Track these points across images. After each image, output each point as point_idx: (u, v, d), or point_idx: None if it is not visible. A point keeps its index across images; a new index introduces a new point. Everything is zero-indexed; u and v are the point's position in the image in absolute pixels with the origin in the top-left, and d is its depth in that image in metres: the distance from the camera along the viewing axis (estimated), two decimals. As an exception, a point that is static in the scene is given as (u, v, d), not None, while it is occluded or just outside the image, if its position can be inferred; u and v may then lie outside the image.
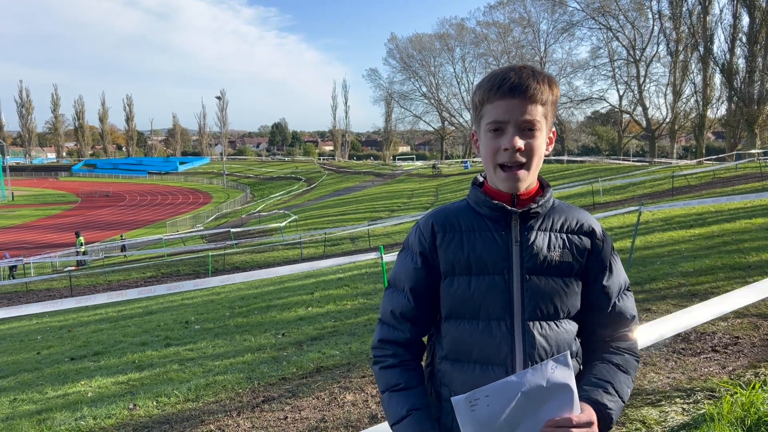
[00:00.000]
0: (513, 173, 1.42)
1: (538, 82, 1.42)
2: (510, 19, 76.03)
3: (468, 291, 1.45)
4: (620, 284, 1.53)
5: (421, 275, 1.52)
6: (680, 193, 21.93)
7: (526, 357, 1.41)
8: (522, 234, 1.45)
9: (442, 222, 1.52)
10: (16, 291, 20.86)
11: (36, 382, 6.75)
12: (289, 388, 4.90)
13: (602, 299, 1.50)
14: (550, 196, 1.51)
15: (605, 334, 1.53)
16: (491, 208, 1.47)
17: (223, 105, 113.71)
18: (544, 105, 1.43)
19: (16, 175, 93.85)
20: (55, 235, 44.14)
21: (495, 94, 1.42)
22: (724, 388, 3.78)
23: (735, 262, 7.74)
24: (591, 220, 1.52)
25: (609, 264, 1.51)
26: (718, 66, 48.44)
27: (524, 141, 1.41)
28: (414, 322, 1.54)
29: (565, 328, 1.47)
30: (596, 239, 1.50)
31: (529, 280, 1.43)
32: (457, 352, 1.48)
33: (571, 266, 1.47)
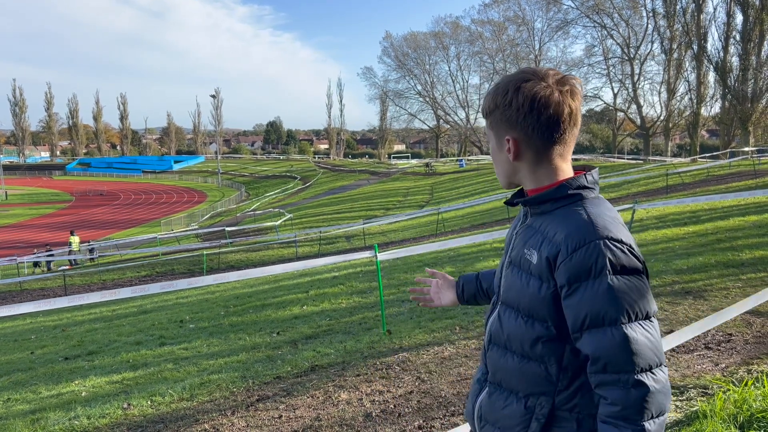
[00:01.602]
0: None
1: (488, 96, 1.54)
2: (505, 17, 76.26)
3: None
4: (586, 314, 1.34)
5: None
6: (674, 191, 22.00)
7: (490, 331, 1.61)
8: (521, 226, 1.59)
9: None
10: (9, 290, 20.77)
11: (30, 381, 6.73)
12: (283, 386, 4.90)
13: (567, 318, 1.40)
14: (548, 196, 1.47)
15: (589, 375, 1.39)
16: (512, 197, 1.64)
17: (218, 103, 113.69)
18: (488, 117, 1.56)
19: (9, 174, 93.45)
20: (50, 234, 43.96)
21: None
22: (716, 385, 3.80)
23: (728, 260, 7.77)
24: (575, 231, 1.38)
25: (577, 285, 1.35)
26: (712, 64, 48.68)
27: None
28: None
29: (524, 324, 1.47)
30: (563, 252, 1.37)
31: (508, 268, 1.57)
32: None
33: (535, 268, 1.45)
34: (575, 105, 1.45)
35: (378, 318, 7.00)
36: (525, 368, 1.48)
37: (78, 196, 74.04)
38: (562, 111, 1.44)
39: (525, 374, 1.48)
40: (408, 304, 7.85)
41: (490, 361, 1.58)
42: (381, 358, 5.32)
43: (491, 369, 1.58)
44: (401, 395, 4.37)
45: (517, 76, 1.48)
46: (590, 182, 1.48)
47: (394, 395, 4.39)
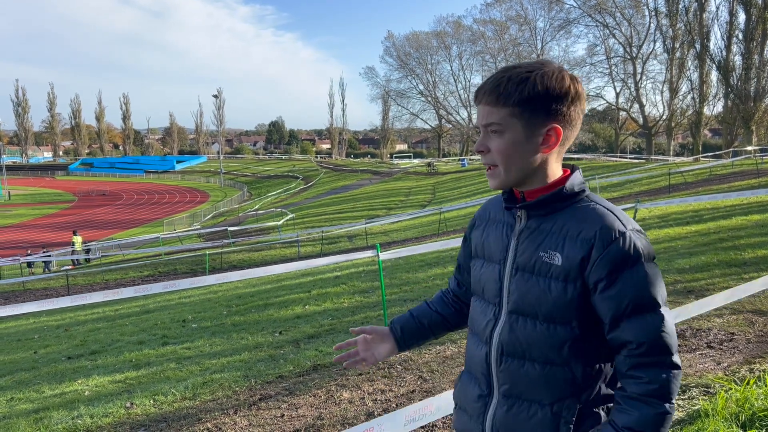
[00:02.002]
0: (489, 173, 1.52)
1: (502, 83, 1.43)
2: (507, 16, 76.20)
3: (479, 273, 1.62)
4: (628, 301, 1.37)
5: (463, 252, 1.79)
6: (677, 191, 21.97)
7: (499, 343, 1.51)
8: (523, 230, 1.51)
9: (481, 211, 1.72)
10: (13, 290, 20.81)
11: (33, 381, 6.75)
12: (286, 386, 4.91)
13: (604, 312, 1.40)
14: (559, 194, 1.46)
15: (618, 361, 1.42)
16: (505, 202, 1.57)
17: (220, 103, 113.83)
18: (508, 105, 1.42)
19: (12, 174, 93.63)
20: (53, 234, 44.04)
21: (474, 101, 1.54)
22: (718, 384, 3.80)
23: (731, 259, 7.76)
24: (602, 225, 1.39)
25: (613, 277, 1.37)
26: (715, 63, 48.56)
27: (491, 144, 1.47)
28: (459, 284, 1.85)
29: (546, 330, 1.43)
30: (596, 248, 1.38)
31: (516, 275, 1.49)
32: (471, 323, 1.66)
33: (560, 270, 1.41)
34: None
35: (380, 317, 7.01)
36: (549, 375, 1.44)
37: (81, 196, 74.15)
38: (585, 107, 1.50)
39: (549, 381, 1.44)
40: (410, 303, 7.86)
41: (505, 375, 1.49)
42: (383, 357, 5.32)
43: (508, 382, 1.49)
44: (403, 394, 4.38)
45: (550, 63, 1.45)
46: (583, 179, 1.53)
47: (396, 394, 4.40)
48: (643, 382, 1.36)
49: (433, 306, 1.85)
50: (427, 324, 1.82)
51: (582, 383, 1.44)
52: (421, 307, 1.86)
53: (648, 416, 1.34)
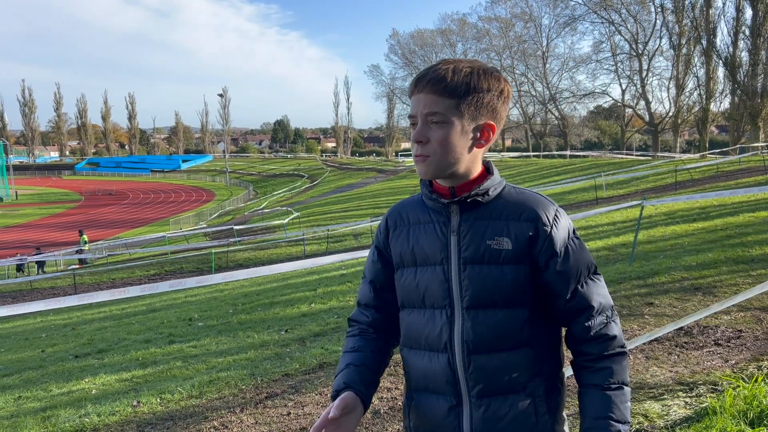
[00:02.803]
0: (418, 164, 1.48)
1: (449, 73, 1.42)
2: (512, 14, 76.02)
3: (414, 281, 1.54)
4: (579, 269, 1.48)
5: (378, 268, 1.66)
6: (683, 187, 21.87)
7: (463, 344, 1.46)
8: (461, 224, 1.49)
9: (394, 217, 1.62)
10: (20, 289, 20.92)
11: (40, 379, 6.78)
12: (292, 384, 4.91)
13: (559, 286, 1.47)
14: (492, 183, 1.49)
15: (578, 330, 1.48)
16: (432, 200, 1.52)
17: (226, 102, 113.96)
18: (453, 97, 1.42)
19: (19, 174, 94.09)
20: (59, 233, 44.23)
21: (410, 89, 1.49)
22: (726, 382, 3.78)
23: (738, 256, 7.72)
24: (538, 205, 1.47)
25: (564, 249, 1.46)
26: (721, 59, 48.32)
27: (429, 134, 1.44)
28: (377, 309, 1.67)
29: (507, 316, 1.45)
30: (541, 224, 1.45)
31: (465, 270, 1.47)
32: (410, 340, 1.56)
33: (511, 253, 1.45)
34: None
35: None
36: (517, 360, 1.45)
37: (87, 196, 74.45)
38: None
39: (519, 366, 1.46)
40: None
41: (476, 375, 1.45)
42: (389, 355, 5.32)
43: (481, 382, 1.45)
44: (409, 392, 4.37)
45: (479, 63, 1.48)
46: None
47: (402, 392, 4.39)
48: (605, 340, 1.47)
49: (366, 348, 1.61)
50: (375, 369, 1.59)
51: (542, 360, 1.50)
52: (356, 355, 1.59)
53: (621, 366, 1.47)
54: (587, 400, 1.46)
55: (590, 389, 1.46)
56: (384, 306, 1.65)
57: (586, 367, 1.48)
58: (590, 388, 1.46)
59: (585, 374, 1.48)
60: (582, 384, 1.49)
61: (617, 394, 1.44)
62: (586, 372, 1.48)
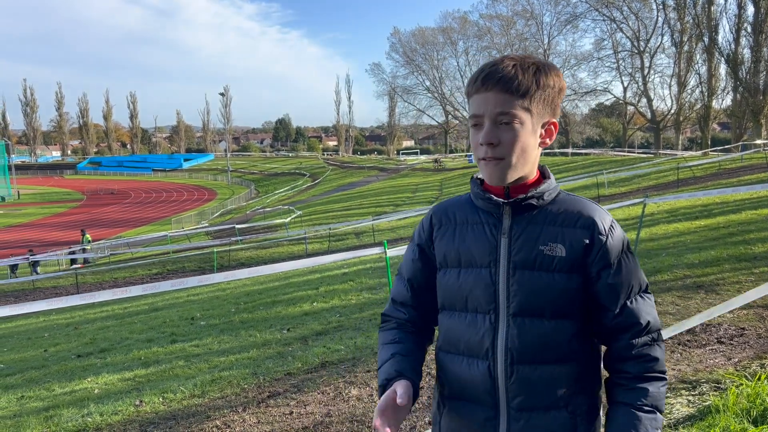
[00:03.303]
0: (490, 167, 1.40)
1: (517, 72, 1.37)
2: (513, 11, 75.98)
3: (457, 283, 1.47)
4: (631, 284, 1.42)
5: (418, 267, 1.58)
6: (685, 185, 21.83)
7: (507, 352, 1.39)
8: (513, 226, 1.43)
9: (440, 215, 1.55)
10: (23, 289, 20.95)
11: (43, 379, 6.79)
12: (294, 383, 4.91)
13: (608, 299, 1.40)
14: (548, 187, 1.44)
15: (620, 347, 1.42)
16: (483, 200, 1.46)
17: (227, 101, 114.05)
18: (525, 96, 1.37)
19: (21, 173, 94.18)
20: (61, 233, 44.28)
21: (472, 88, 1.41)
22: (729, 380, 3.77)
23: (741, 253, 7.71)
24: (595, 213, 1.42)
25: (617, 261, 1.40)
26: (723, 56, 48.24)
27: (500, 135, 1.37)
28: (414, 308, 1.60)
29: (555, 327, 1.39)
30: (597, 233, 1.39)
31: (515, 275, 1.40)
32: (448, 343, 1.51)
33: (564, 261, 1.39)
34: None
35: (388, 314, 6.99)
36: (562, 374, 1.39)
37: (89, 195, 74.51)
38: None
39: (563, 380, 1.39)
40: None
41: (518, 386, 1.39)
42: (391, 354, 5.31)
43: (522, 394, 1.39)
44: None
45: (539, 59, 1.43)
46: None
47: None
48: (646, 360, 1.40)
49: (408, 341, 1.55)
50: (420, 360, 1.55)
51: (586, 376, 1.44)
52: (400, 346, 1.53)
53: (659, 391, 1.40)
54: (615, 417, 1.39)
55: (621, 407, 1.39)
56: (420, 305, 1.59)
57: (622, 385, 1.41)
58: (621, 405, 1.39)
59: (618, 391, 1.42)
60: (613, 401, 1.42)
61: (649, 418, 1.36)
62: (620, 390, 1.41)
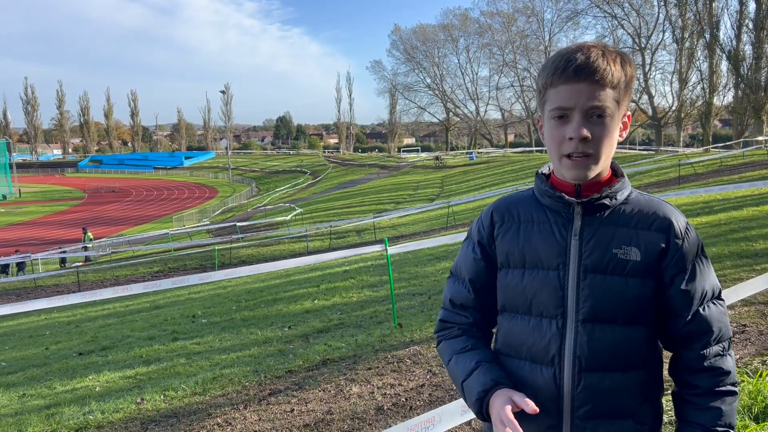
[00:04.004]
0: (579, 163, 1.31)
1: (608, 62, 1.29)
2: (514, 8, 75.82)
3: (521, 285, 1.40)
4: (705, 290, 1.35)
5: (480, 266, 1.49)
6: (687, 182, 21.81)
7: (575, 360, 1.33)
8: (584, 227, 1.35)
9: (502, 212, 1.47)
10: (24, 287, 20.98)
11: (44, 377, 6.80)
12: (295, 380, 4.92)
13: (680, 305, 1.34)
14: (622, 186, 1.37)
15: (690, 357, 1.37)
16: (552, 198, 1.38)
17: (228, 99, 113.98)
18: (615, 88, 1.30)
19: (22, 171, 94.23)
20: (63, 231, 44.33)
21: (559, 78, 1.31)
22: (731, 377, 3.76)
23: (742, 250, 7.69)
24: (671, 214, 1.35)
25: (692, 266, 1.34)
26: (725, 53, 48.11)
27: (592, 129, 1.29)
28: (476, 310, 1.51)
29: (626, 334, 1.33)
30: (674, 237, 1.33)
31: (586, 278, 1.34)
32: (508, 347, 1.44)
33: (639, 266, 1.32)
34: None
35: (389, 311, 7.00)
36: (630, 383, 1.34)
37: (90, 193, 74.56)
38: None
39: (631, 390, 1.35)
40: (418, 297, 7.85)
41: (585, 395, 1.33)
42: (392, 351, 5.33)
43: (589, 403, 1.33)
44: (413, 388, 4.37)
45: (614, 48, 1.35)
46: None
47: (406, 388, 4.39)
48: (717, 374, 1.34)
49: (481, 346, 1.49)
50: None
51: (653, 384, 1.39)
52: (479, 353, 1.46)
53: (731, 408, 1.34)
54: None
55: (694, 428, 1.34)
56: (483, 307, 1.51)
57: (693, 403, 1.36)
58: (694, 427, 1.34)
59: (690, 411, 1.36)
60: (684, 420, 1.37)
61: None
62: (692, 409, 1.35)
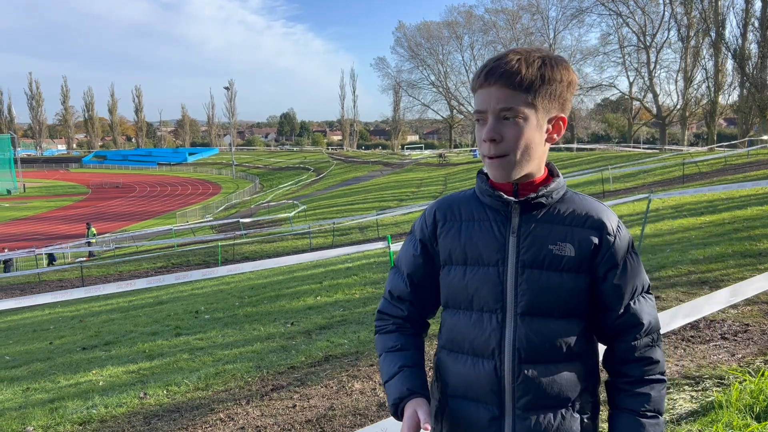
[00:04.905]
0: (495, 164, 1.38)
1: (522, 66, 1.33)
2: (519, 6, 75.50)
3: (462, 281, 1.44)
4: (635, 285, 1.42)
5: (419, 262, 1.54)
6: (691, 181, 21.76)
7: (514, 352, 1.38)
8: (521, 225, 1.40)
9: (444, 210, 1.51)
10: (28, 282, 21.06)
11: (48, 371, 6.82)
12: (297, 376, 4.93)
13: (613, 299, 1.41)
14: (557, 186, 1.42)
15: (622, 348, 1.43)
16: (491, 197, 1.43)
17: (232, 95, 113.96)
18: (529, 91, 1.33)
19: (27, 166, 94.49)
20: (67, 226, 44.45)
21: (476, 83, 1.39)
22: (733, 376, 3.77)
23: (746, 249, 7.68)
24: (603, 213, 1.41)
25: (623, 262, 1.40)
26: (730, 51, 47.94)
27: (504, 131, 1.35)
28: (412, 304, 1.57)
29: (563, 326, 1.39)
30: (606, 234, 1.39)
31: (524, 274, 1.38)
32: (452, 342, 1.49)
33: (573, 261, 1.38)
34: None
35: (391, 308, 7.00)
36: (568, 374, 1.39)
37: (94, 189, 74.74)
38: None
39: (569, 380, 1.39)
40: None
41: (525, 386, 1.37)
42: (394, 348, 5.32)
43: (529, 393, 1.37)
44: (414, 385, 4.38)
45: (547, 52, 1.39)
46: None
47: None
48: (647, 363, 1.42)
49: (410, 346, 1.55)
50: (423, 367, 1.56)
51: (590, 375, 1.45)
52: (404, 354, 1.53)
53: (660, 394, 1.41)
54: (619, 425, 1.41)
55: (624, 413, 1.41)
56: (419, 301, 1.56)
57: (624, 390, 1.42)
58: (624, 411, 1.41)
59: (621, 397, 1.43)
60: (615, 406, 1.44)
61: (651, 423, 1.38)
62: (623, 395, 1.42)
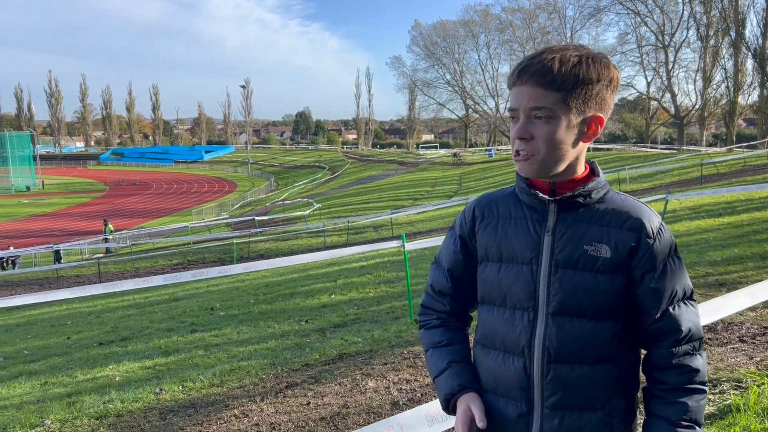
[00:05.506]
0: (520, 162, 1.39)
1: (556, 64, 1.32)
2: (536, 4, 75.03)
3: (497, 278, 1.46)
4: (675, 290, 1.38)
5: (459, 258, 1.56)
6: (709, 182, 21.52)
7: (544, 350, 1.38)
8: (557, 224, 1.40)
9: (483, 207, 1.53)
10: (46, 277, 21.32)
11: (66, 366, 6.90)
12: (311, 374, 4.94)
13: (649, 303, 1.38)
14: (597, 185, 1.41)
15: (659, 354, 1.40)
16: (529, 195, 1.43)
17: (248, 94, 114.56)
18: (561, 90, 1.32)
19: (46, 163, 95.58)
20: (84, 222, 44.91)
21: (510, 81, 1.39)
22: (750, 379, 3.73)
23: (765, 251, 7.59)
24: (644, 214, 1.39)
25: (662, 265, 1.37)
26: (750, 51, 47.35)
27: (534, 130, 1.35)
28: (453, 297, 1.59)
29: (594, 328, 1.37)
30: (645, 235, 1.37)
31: (557, 273, 1.38)
32: (485, 338, 1.50)
33: (608, 262, 1.36)
34: None
35: (405, 307, 7.01)
36: (599, 376, 1.37)
37: (112, 186, 75.42)
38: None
39: (600, 382, 1.38)
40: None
41: (554, 385, 1.37)
42: (408, 347, 5.33)
43: (558, 392, 1.37)
44: (428, 384, 4.38)
45: (586, 50, 1.37)
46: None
47: (421, 384, 4.40)
48: (686, 371, 1.38)
49: (456, 340, 1.57)
50: (471, 361, 1.56)
51: (625, 378, 1.42)
52: (452, 350, 1.55)
53: (698, 404, 1.37)
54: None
55: (659, 421, 1.38)
56: (460, 295, 1.58)
57: (660, 397, 1.39)
58: (659, 420, 1.38)
59: (657, 404, 1.40)
60: (651, 414, 1.41)
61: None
62: (659, 402, 1.39)
